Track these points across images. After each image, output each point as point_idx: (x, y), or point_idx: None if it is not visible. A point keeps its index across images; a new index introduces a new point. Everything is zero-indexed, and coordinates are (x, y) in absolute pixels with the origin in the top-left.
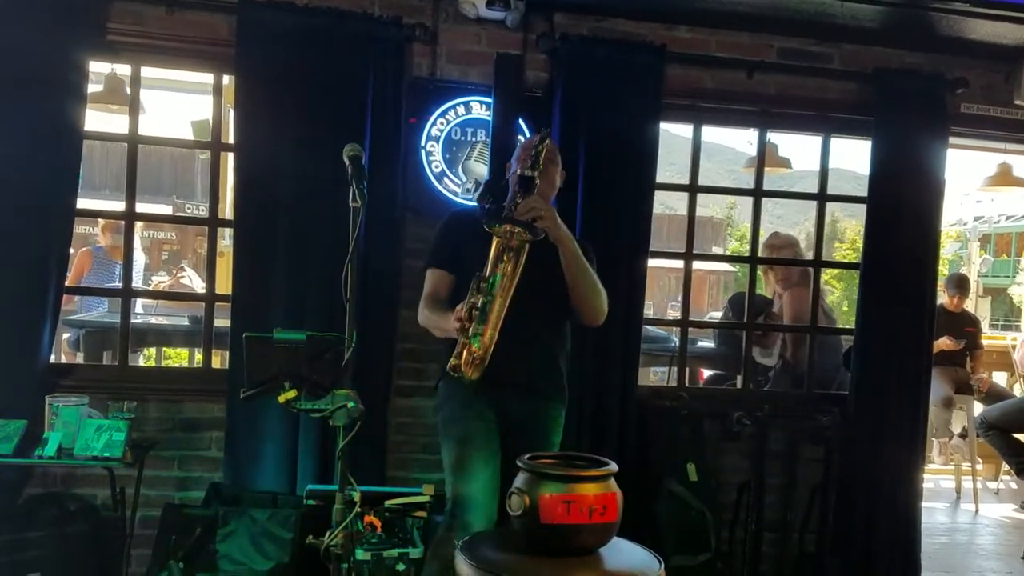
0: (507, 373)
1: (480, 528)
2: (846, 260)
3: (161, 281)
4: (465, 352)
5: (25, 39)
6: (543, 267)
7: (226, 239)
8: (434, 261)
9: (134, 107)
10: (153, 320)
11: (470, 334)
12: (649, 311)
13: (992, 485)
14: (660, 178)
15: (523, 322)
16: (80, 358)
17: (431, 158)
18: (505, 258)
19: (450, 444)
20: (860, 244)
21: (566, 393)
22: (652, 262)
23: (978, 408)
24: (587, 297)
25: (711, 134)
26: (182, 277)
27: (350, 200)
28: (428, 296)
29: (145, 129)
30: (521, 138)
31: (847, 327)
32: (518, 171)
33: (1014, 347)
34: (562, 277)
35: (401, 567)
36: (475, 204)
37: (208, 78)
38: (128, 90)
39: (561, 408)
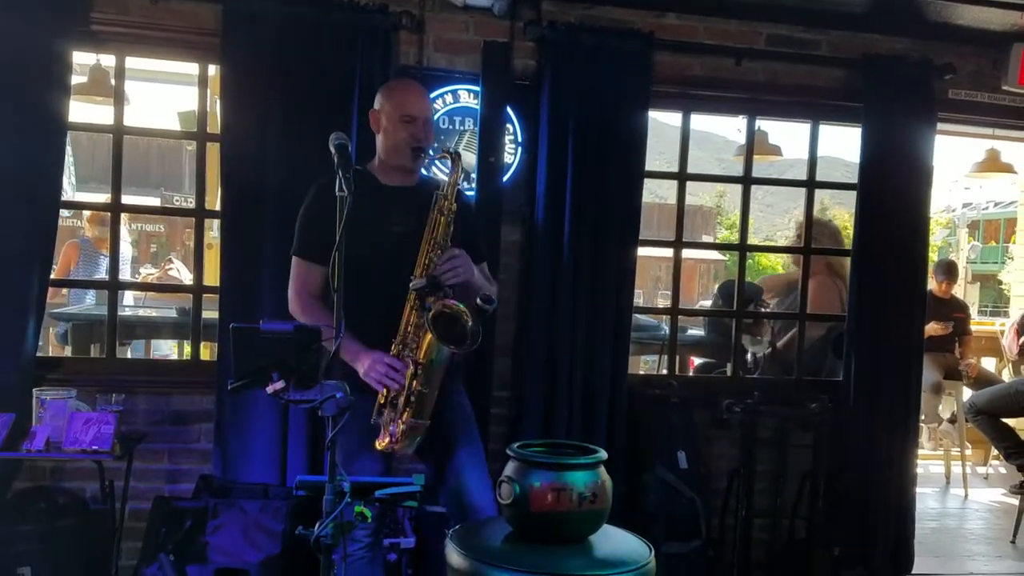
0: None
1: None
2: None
3: (149, 274)
4: (398, 436)
5: (7, 29)
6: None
7: (214, 230)
8: (302, 250)
9: (119, 98)
10: (141, 312)
11: (403, 420)
12: (639, 300)
13: (981, 470)
14: (649, 167)
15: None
16: (68, 351)
17: None
18: (440, 355)
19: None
20: (850, 231)
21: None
22: (642, 251)
23: (967, 394)
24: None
25: (700, 122)
26: (170, 269)
27: (336, 189)
28: (300, 293)
29: (131, 121)
30: (510, 126)
31: (838, 314)
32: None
33: (1002, 333)
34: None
35: (393, 557)
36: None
37: (193, 68)
38: (113, 81)
39: (459, 385)
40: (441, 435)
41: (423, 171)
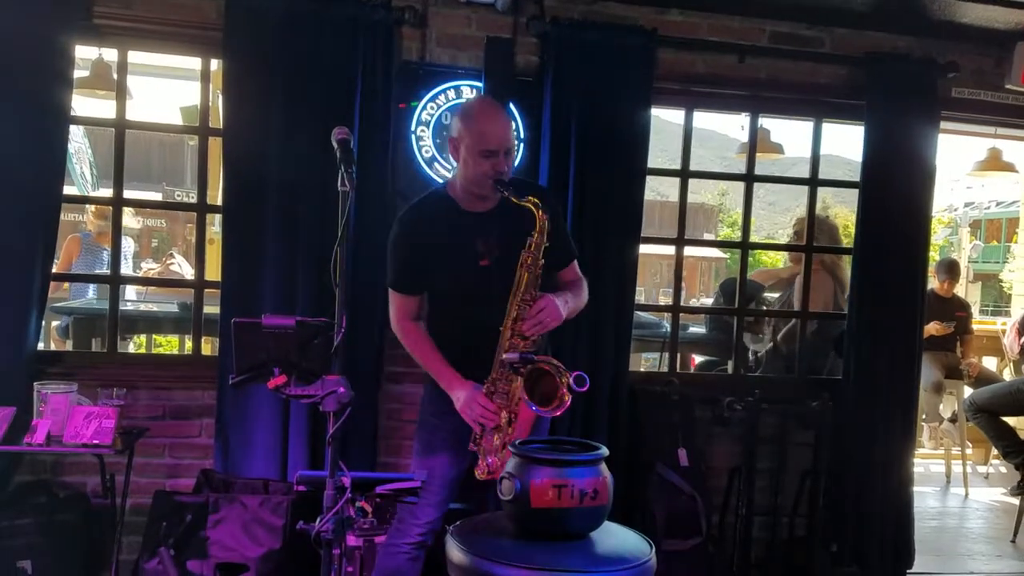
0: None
1: (424, 521)
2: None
3: (151, 268)
4: (495, 467)
5: (9, 23)
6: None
7: (215, 225)
8: (396, 286)
9: (121, 92)
10: (143, 307)
11: (499, 455)
12: (640, 297)
13: (982, 469)
14: (652, 164)
15: (493, 312)
16: (69, 345)
17: (421, 143)
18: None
19: (418, 444)
20: (852, 230)
21: None
22: (644, 248)
23: (968, 393)
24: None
25: (703, 120)
26: (171, 264)
27: (339, 185)
28: (400, 319)
29: (133, 115)
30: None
31: (839, 312)
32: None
33: (1004, 332)
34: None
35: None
36: (425, 194)
37: (196, 63)
38: (115, 75)
39: None
40: None
41: None
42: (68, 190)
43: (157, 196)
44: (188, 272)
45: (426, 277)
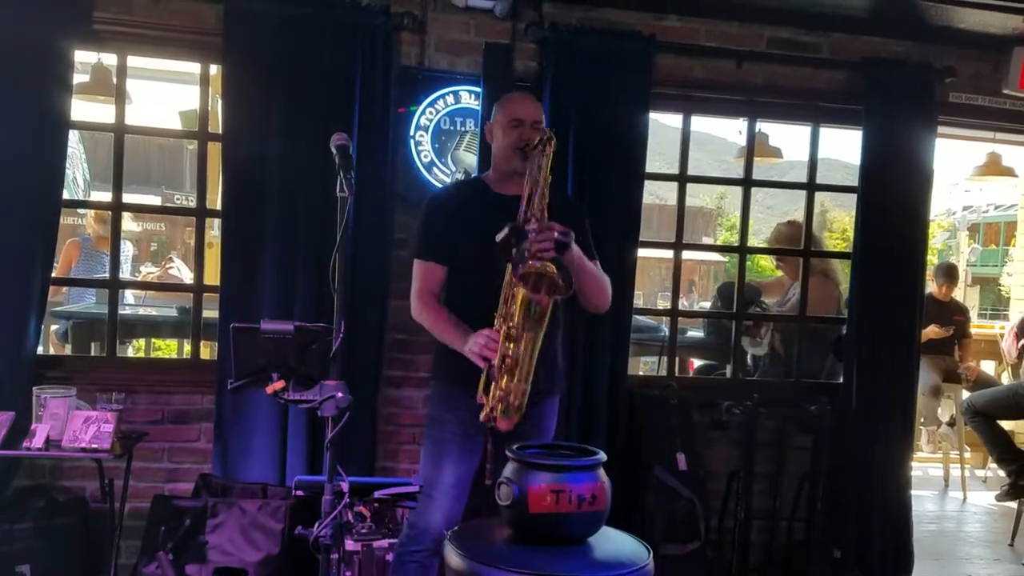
0: None
1: (437, 526)
2: (836, 250)
3: (150, 272)
4: (499, 404)
5: (9, 27)
6: None
7: (215, 229)
8: (422, 253)
9: (121, 97)
10: (142, 311)
11: (503, 386)
12: (639, 301)
13: (980, 473)
14: (650, 168)
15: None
16: (68, 350)
17: (420, 148)
18: (532, 310)
19: (427, 443)
20: (850, 234)
21: (562, 384)
22: (642, 252)
23: (966, 397)
24: (594, 296)
25: (701, 124)
26: (170, 268)
27: (338, 190)
28: (421, 291)
29: (132, 119)
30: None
31: (839, 316)
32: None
33: (1002, 336)
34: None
35: (391, 557)
36: (450, 183)
37: (195, 67)
38: (115, 80)
39: (555, 397)
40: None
41: None
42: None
43: (156, 200)
44: (187, 276)
45: (453, 250)
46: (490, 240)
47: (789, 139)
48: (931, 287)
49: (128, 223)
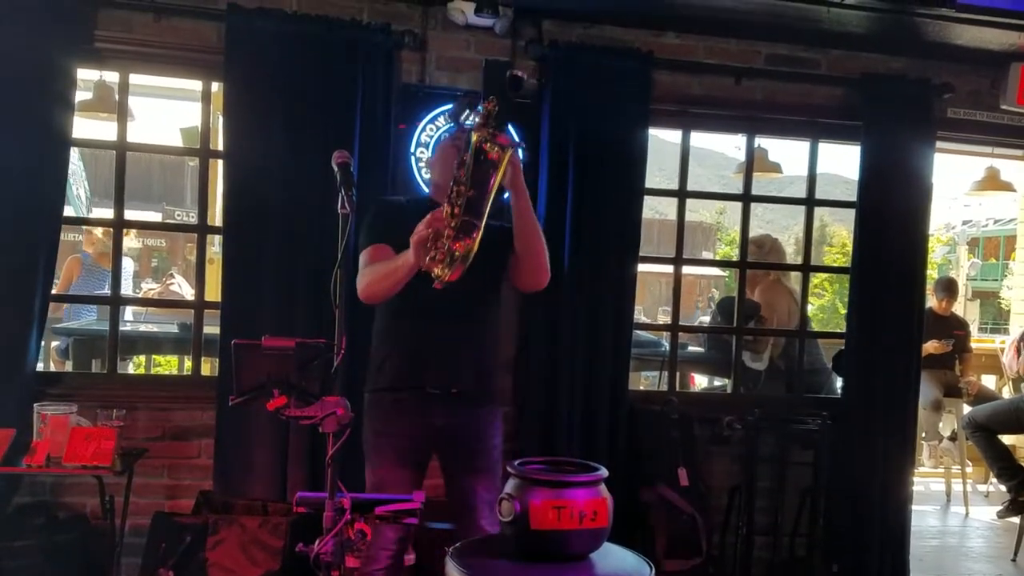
0: (430, 381)
1: (392, 542)
2: (836, 264)
3: (151, 289)
4: (443, 250)
5: (12, 46)
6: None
7: (215, 246)
8: (371, 238)
9: (122, 114)
10: (143, 327)
11: (454, 227)
12: (640, 316)
13: (982, 488)
14: (650, 183)
15: (444, 323)
16: (69, 366)
17: (420, 164)
18: (482, 160)
19: (369, 465)
20: (850, 248)
21: (498, 395)
22: (642, 267)
23: (967, 411)
24: (535, 250)
25: (701, 139)
26: (171, 284)
27: (339, 207)
28: (366, 267)
29: (134, 136)
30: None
31: (838, 331)
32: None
33: (1002, 350)
34: (485, 265)
35: None
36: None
37: (197, 85)
38: (116, 97)
39: (496, 409)
40: (467, 467)
41: None
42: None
43: (157, 216)
44: (188, 292)
45: (399, 237)
46: None
47: (788, 154)
48: (931, 301)
49: (129, 239)
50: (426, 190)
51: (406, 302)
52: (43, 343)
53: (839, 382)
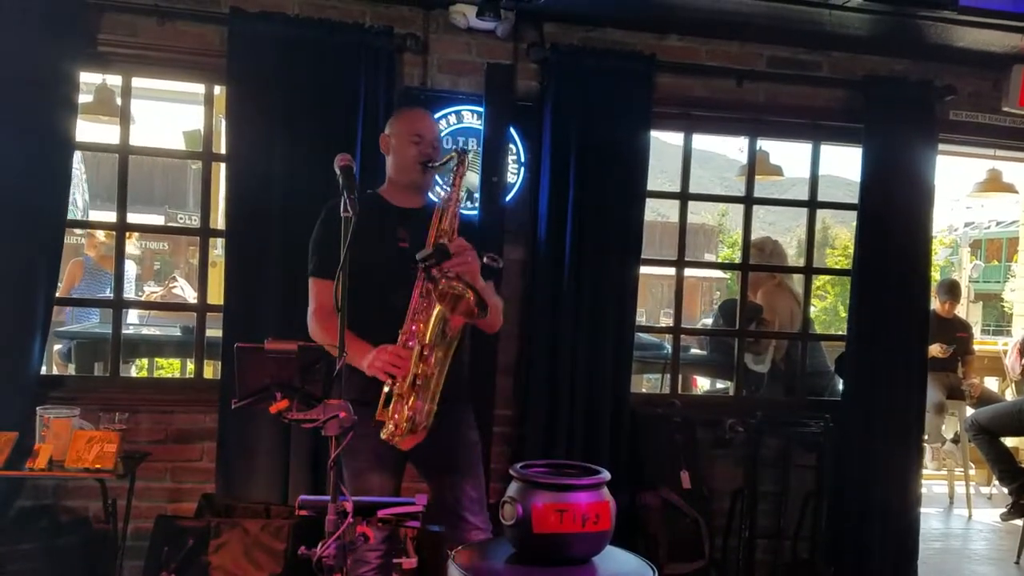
0: None
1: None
2: (838, 266)
3: (153, 292)
4: (401, 424)
5: (15, 49)
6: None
7: (218, 249)
8: (320, 270)
9: (125, 118)
10: (145, 331)
11: (411, 405)
12: (641, 318)
13: (985, 490)
14: (652, 185)
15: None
16: (71, 369)
17: None
18: (445, 330)
19: (346, 471)
20: (852, 250)
21: (468, 392)
22: (644, 269)
23: (970, 414)
24: (493, 318)
25: (703, 142)
26: (174, 287)
27: (341, 210)
28: (318, 310)
29: (136, 139)
30: (513, 147)
31: (841, 333)
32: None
33: (1005, 352)
34: None
35: None
36: None
37: (199, 88)
38: (119, 100)
39: (468, 406)
40: (446, 464)
41: (432, 196)
42: None
43: (160, 219)
44: (191, 295)
45: (351, 264)
46: (388, 252)
47: (790, 157)
48: (934, 304)
49: (131, 242)
50: (428, 193)
51: (373, 284)
52: (46, 346)
53: (842, 385)
